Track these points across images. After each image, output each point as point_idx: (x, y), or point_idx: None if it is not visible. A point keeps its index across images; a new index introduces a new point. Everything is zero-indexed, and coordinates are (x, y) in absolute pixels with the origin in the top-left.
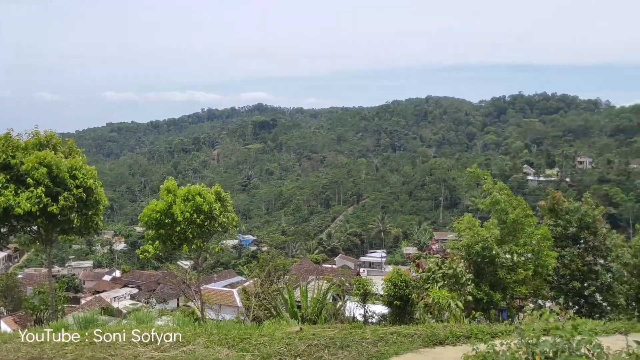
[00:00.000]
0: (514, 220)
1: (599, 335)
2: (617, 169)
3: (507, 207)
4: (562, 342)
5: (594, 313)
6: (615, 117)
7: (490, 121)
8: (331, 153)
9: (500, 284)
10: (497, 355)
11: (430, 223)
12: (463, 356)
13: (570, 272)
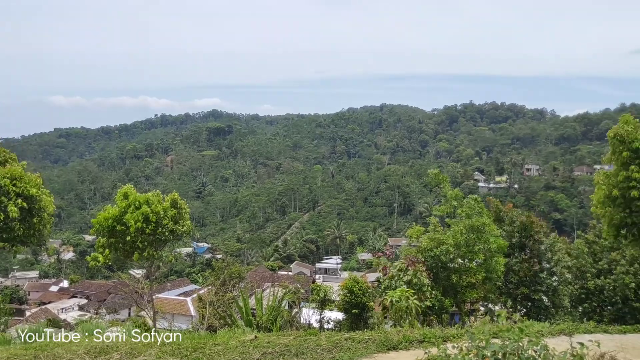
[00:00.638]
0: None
1: (545, 337)
2: (562, 176)
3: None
4: (511, 344)
5: (541, 315)
6: (560, 126)
7: (443, 129)
8: (287, 160)
9: (453, 289)
10: (449, 358)
11: (385, 229)
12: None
13: (519, 278)
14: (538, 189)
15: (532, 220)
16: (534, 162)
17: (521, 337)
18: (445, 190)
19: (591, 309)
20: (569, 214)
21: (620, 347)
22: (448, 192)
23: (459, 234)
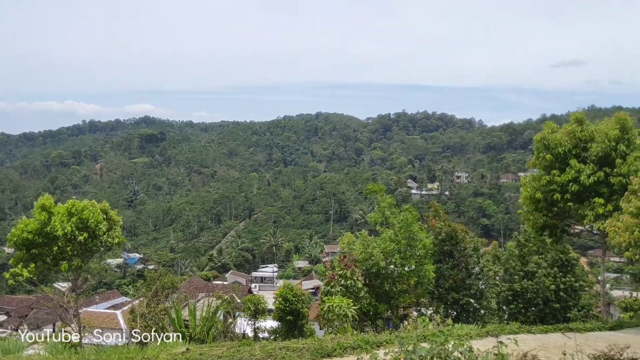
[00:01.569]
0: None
1: (474, 339)
2: (489, 183)
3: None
4: (438, 347)
5: (470, 318)
6: (487, 136)
7: (377, 137)
8: (222, 167)
9: (387, 295)
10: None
11: (321, 236)
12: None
13: (449, 284)
14: (467, 195)
15: (455, 229)
16: (463, 170)
17: (447, 340)
18: (380, 201)
19: (517, 310)
20: (496, 219)
21: (542, 346)
22: (382, 202)
23: (387, 241)
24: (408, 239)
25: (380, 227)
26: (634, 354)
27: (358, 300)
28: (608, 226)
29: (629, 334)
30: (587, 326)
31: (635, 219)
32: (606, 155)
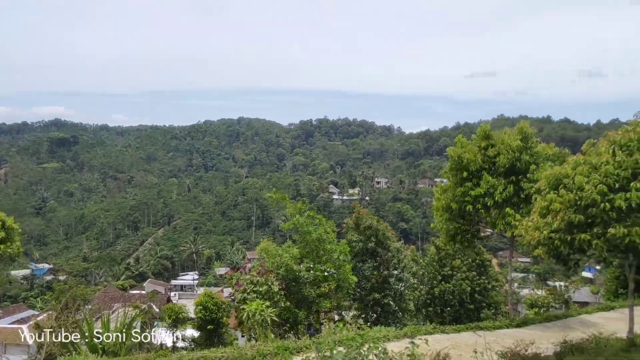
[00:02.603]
0: (317, 238)
1: (391, 341)
2: (408, 188)
3: (309, 228)
4: (354, 351)
5: (390, 320)
6: (406, 142)
7: (299, 143)
8: (140, 173)
9: (306, 300)
10: None
11: (243, 242)
12: None
13: (371, 284)
14: (387, 200)
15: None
16: (383, 176)
17: (362, 343)
18: (287, 210)
19: (434, 312)
20: (414, 223)
21: (455, 345)
22: (289, 209)
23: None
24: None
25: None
26: (538, 348)
27: (275, 304)
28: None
29: (534, 330)
30: (496, 324)
31: (543, 218)
32: (512, 166)
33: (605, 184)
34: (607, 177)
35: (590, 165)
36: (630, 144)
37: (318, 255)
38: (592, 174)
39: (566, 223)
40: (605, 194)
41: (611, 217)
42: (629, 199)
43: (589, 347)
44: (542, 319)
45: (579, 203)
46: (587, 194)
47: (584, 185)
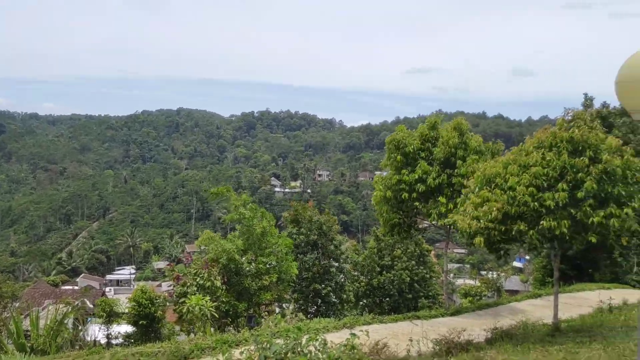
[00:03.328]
0: (261, 231)
1: (330, 332)
2: (349, 181)
3: (252, 220)
4: (292, 343)
5: (330, 311)
6: (347, 136)
7: (241, 135)
8: (73, 164)
9: (247, 293)
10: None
11: (182, 235)
12: None
13: (311, 275)
14: (328, 193)
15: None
16: (324, 168)
17: (301, 335)
18: (232, 201)
19: (373, 302)
20: (354, 216)
21: (392, 334)
22: (234, 202)
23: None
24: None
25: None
26: (470, 335)
27: (217, 299)
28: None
29: (467, 318)
30: (432, 313)
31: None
32: (447, 159)
33: (534, 186)
34: (536, 177)
35: (519, 165)
36: (559, 145)
37: (260, 248)
38: (523, 175)
39: (502, 214)
40: (536, 195)
41: (541, 212)
42: (557, 199)
43: (517, 332)
44: (475, 307)
45: (512, 202)
46: (519, 196)
47: (516, 186)
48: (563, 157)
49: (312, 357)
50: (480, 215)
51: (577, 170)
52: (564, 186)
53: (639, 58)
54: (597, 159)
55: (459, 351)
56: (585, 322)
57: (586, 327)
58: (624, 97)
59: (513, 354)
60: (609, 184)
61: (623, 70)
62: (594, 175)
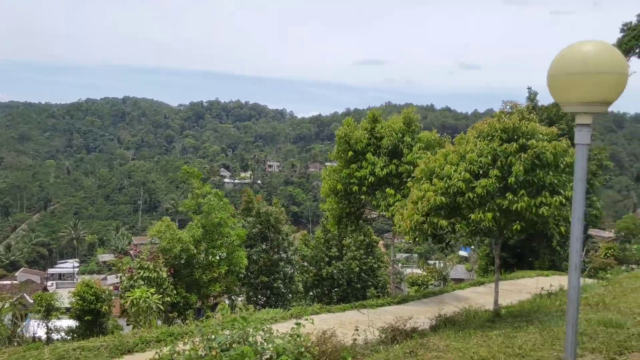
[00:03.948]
0: (218, 222)
1: (278, 322)
2: (299, 172)
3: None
4: (238, 333)
5: (279, 302)
6: (297, 127)
7: (189, 125)
8: (11, 153)
9: (196, 285)
10: (178, 356)
11: (129, 227)
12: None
13: (259, 267)
14: (278, 184)
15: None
16: (275, 159)
17: (247, 325)
18: (196, 186)
19: (322, 292)
20: (305, 207)
21: (340, 323)
22: (197, 188)
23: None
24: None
25: (193, 214)
26: (415, 323)
27: (164, 291)
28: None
29: (413, 306)
30: (379, 302)
31: (415, 205)
32: (395, 147)
33: (469, 172)
34: (471, 164)
35: (458, 155)
36: (494, 134)
37: (213, 239)
38: (460, 163)
39: (432, 207)
40: (470, 181)
41: (475, 202)
42: (486, 186)
43: (460, 319)
44: (421, 296)
45: (449, 190)
46: (454, 182)
47: (452, 174)
48: (494, 143)
49: (258, 347)
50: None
51: (508, 155)
52: (495, 172)
53: (568, 53)
54: (529, 146)
55: (404, 338)
56: (523, 307)
57: (524, 312)
58: (554, 91)
59: (455, 340)
60: (541, 171)
61: (554, 64)
62: (524, 160)
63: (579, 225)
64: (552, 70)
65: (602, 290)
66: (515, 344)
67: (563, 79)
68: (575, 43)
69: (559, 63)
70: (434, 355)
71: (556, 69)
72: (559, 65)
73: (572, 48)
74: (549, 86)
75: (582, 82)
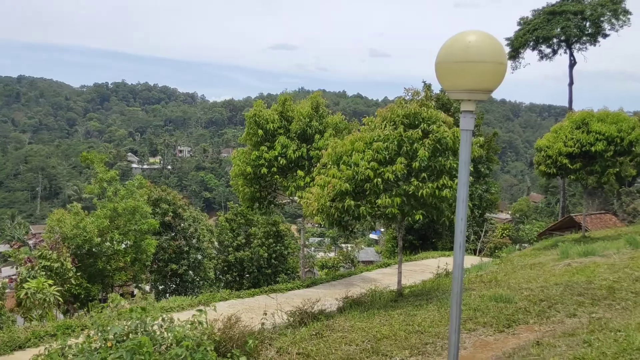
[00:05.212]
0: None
1: (185, 310)
2: (211, 157)
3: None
4: (135, 323)
5: (189, 289)
6: (209, 111)
7: (94, 108)
8: None
9: (101, 274)
10: (69, 350)
11: (26, 216)
12: (32, 357)
13: (167, 255)
14: (190, 169)
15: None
16: (185, 144)
17: (145, 315)
18: (99, 170)
19: (233, 279)
20: (217, 192)
21: (249, 308)
22: (101, 174)
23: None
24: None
25: (98, 200)
26: (323, 305)
27: (65, 282)
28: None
29: (322, 289)
30: (288, 286)
31: (322, 190)
32: (304, 132)
33: (376, 160)
34: (378, 152)
35: (364, 142)
36: (396, 120)
37: (118, 227)
38: (367, 150)
39: (339, 192)
40: (378, 169)
41: (381, 188)
42: (395, 171)
43: (366, 300)
44: (330, 279)
45: (356, 177)
46: (361, 170)
47: (360, 162)
48: (399, 130)
49: (156, 336)
50: (322, 195)
51: (413, 142)
52: (402, 159)
53: (453, 42)
54: (430, 131)
55: (312, 321)
56: (425, 286)
57: (425, 291)
58: (441, 78)
59: (359, 320)
60: (442, 156)
61: (440, 53)
62: (428, 146)
63: (463, 207)
64: (439, 58)
65: (495, 268)
66: (415, 321)
67: (448, 67)
68: (460, 33)
69: (444, 52)
70: (339, 335)
71: (442, 58)
72: (444, 54)
73: (456, 38)
74: (436, 74)
75: (464, 71)
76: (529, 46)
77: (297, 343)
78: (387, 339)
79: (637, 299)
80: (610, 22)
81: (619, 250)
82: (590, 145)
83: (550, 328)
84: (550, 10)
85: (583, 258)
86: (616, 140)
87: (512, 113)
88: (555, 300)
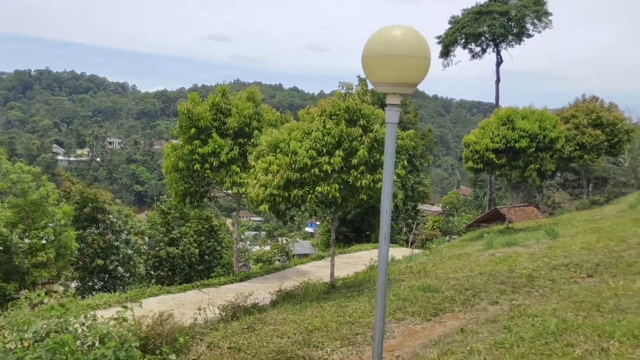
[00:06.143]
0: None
1: (112, 306)
2: (143, 150)
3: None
4: (55, 322)
5: (118, 286)
6: (141, 101)
7: (15, 96)
8: None
9: (18, 272)
10: None
11: None
12: None
13: (94, 250)
14: (120, 162)
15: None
16: (116, 136)
17: (65, 313)
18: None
19: (164, 275)
20: (149, 185)
21: (180, 304)
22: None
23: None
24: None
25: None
26: (256, 299)
27: None
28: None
29: (255, 283)
30: (221, 280)
31: (266, 176)
32: (241, 129)
33: (314, 149)
34: (316, 142)
35: (302, 131)
36: (338, 113)
37: (35, 220)
38: (305, 140)
39: (285, 181)
40: (315, 159)
41: (319, 177)
42: (332, 164)
43: (299, 292)
44: (264, 272)
45: (294, 166)
46: (300, 158)
47: (298, 150)
48: (341, 126)
49: (78, 334)
50: (267, 183)
51: (352, 139)
52: (340, 153)
53: (379, 36)
54: (369, 128)
55: (244, 314)
56: (357, 278)
57: (357, 283)
58: (367, 72)
59: (292, 313)
60: (378, 152)
61: (367, 47)
62: (366, 144)
63: (388, 199)
64: (365, 52)
65: (425, 259)
66: (347, 312)
67: (374, 61)
68: (385, 27)
69: (370, 46)
70: (271, 328)
71: (368, 51)
72: (370, 48)
73: (382, 32)
74: (363, 67)
75: (389, 64)
76: (460, 44)
77: (229, 337)
78: (319, 330)
79: (553, 286)
80: (534, 23)
81: (539, 240)
82: (515, 142)
83: (474, 315)
84: (478, 10)
85: (506, 248)
86: (539, 137)
87: (443, 109)
88: (480, 289)
